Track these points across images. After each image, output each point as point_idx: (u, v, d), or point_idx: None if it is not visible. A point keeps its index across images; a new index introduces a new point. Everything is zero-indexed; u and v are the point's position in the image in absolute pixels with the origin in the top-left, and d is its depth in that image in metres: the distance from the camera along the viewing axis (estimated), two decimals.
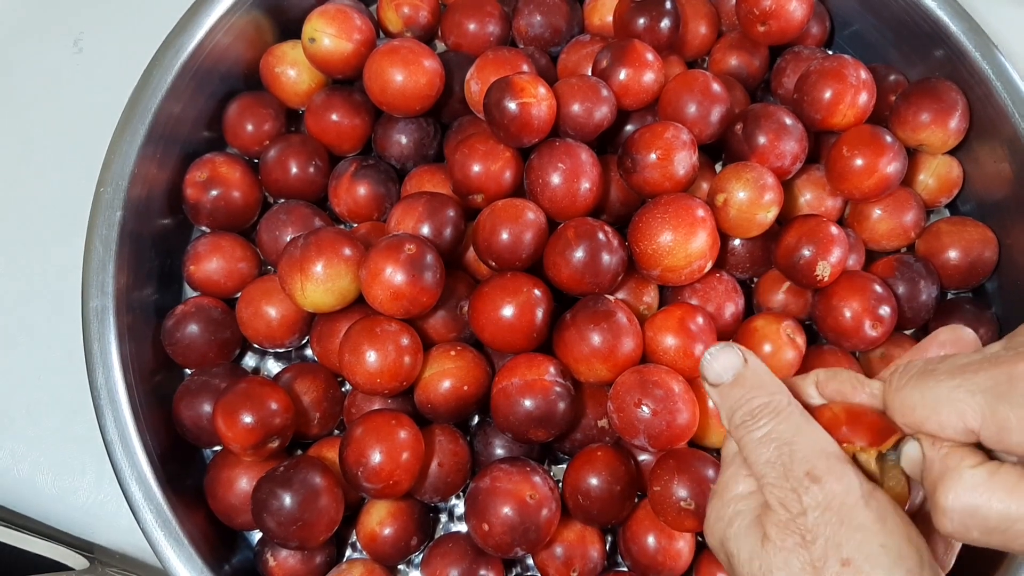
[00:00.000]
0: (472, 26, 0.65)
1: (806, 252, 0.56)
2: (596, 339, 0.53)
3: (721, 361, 0.42)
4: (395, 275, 0.52)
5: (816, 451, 0.37)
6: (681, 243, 0.55)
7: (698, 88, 0.59)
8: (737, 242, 0.61)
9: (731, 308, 0.59)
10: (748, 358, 0.41)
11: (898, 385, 0.37)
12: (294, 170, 0.63)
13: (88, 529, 0.62)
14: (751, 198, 0.56)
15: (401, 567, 0.60)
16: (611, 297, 0.55)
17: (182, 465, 0.59)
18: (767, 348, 0.57)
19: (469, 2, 0.66)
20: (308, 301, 0.55)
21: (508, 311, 0.54)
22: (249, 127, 0.65)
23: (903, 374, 0.37)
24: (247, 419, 0.51)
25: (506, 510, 0.51)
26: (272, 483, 0.51)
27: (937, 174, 0.64)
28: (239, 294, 0.62)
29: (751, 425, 0.39)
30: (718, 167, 0.65)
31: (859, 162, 0.58)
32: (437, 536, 0.60)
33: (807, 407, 0.40)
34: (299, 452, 0.61)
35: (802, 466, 0.36)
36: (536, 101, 0.56)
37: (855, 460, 0.38)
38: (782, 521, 0.36)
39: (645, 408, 0.52)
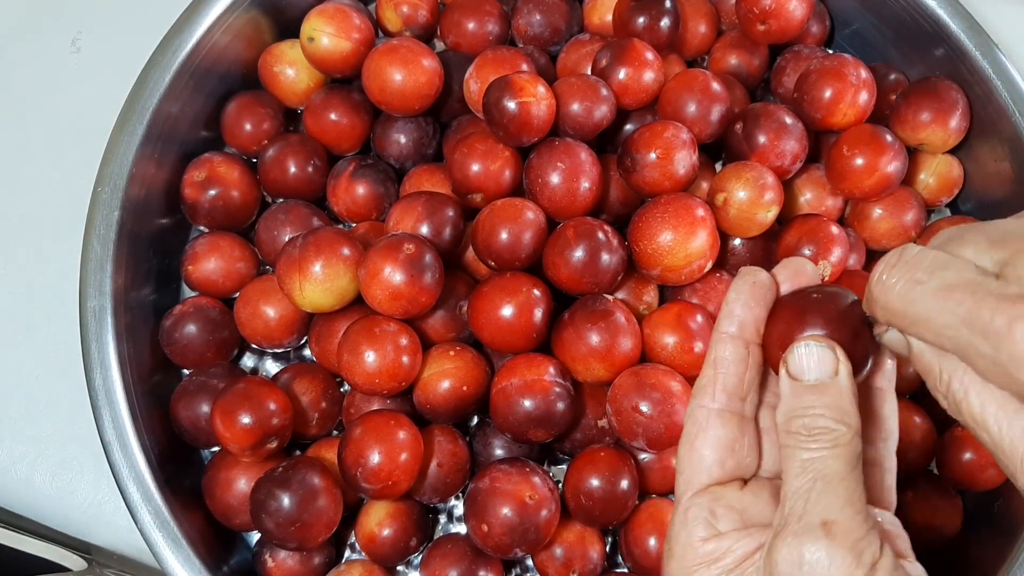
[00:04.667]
0: (471, 25, 0.65)
1: (806, 252, 0.56)
2: (594, 339, 0.53)
3: (815, 358, 0.37)
4: (394, 275, 0.52)
5: (842, 503, 0.34)
6: (681, 243, 0.55)
7: (698, 87, 0.59)
8: (737, 242, 0.61)
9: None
10: (841, 370, 0.36)
11: (884, 283, 0.34)
12: (293, 169, 0.63)
13: (86, 530, 0.62)
14: (751, 197, 0.56)
15: (400, 568, 0.60)
16: (609, 297, 0.55)
17: (180, 466, 0.58)
18: None
19: (468, 1, 0.66)
20: (307, 301, 0.54)
21: (507, 311, 0.54)
22: (247, 126, 0.65)
23: (891, 270, 0.34)
24: (245, 419, 0.51)
25: (506, 511, 0.51)
26: (270, 484, 0.51)
27: (937, 173, 0.64)
28: (237, 294, 0.62)
29: (804, 441, 0.35)
30: (718, 166, 0.64)
31: (859, 161, 0.58)
32: (436, 537, 0.60)
33: None
34: (298, 452, 0.61)
35: (823, 513, 0.34)
36: (535, 100, 0.56)
37: None
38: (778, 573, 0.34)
39: (643, 411, 0.52)
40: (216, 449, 0.60)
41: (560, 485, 0.56)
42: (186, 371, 0.62)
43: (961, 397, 0.33)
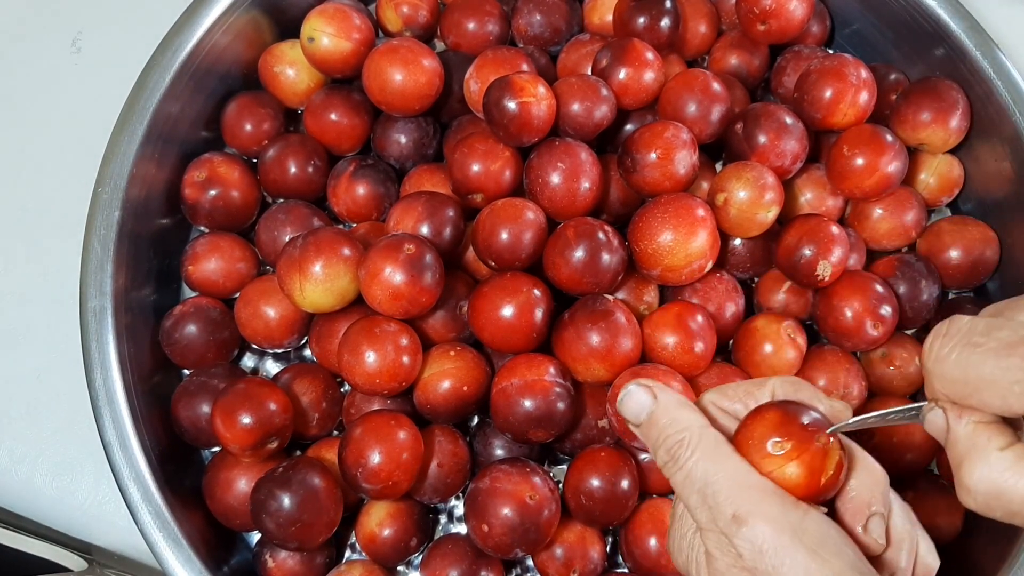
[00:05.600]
0: (471, 25, 0.65)
1: (807, 252, 0.56)
2: (594, 339, 0.53)
3: (634, 400, 0.41)
4: (394, 275, 0.52)
5: (737, 487, 0.36)
6: (681, 243, 0.55)
7: (698, 87, 0.59)
8: (737, 242, 0.61)
9: (731, 308, 0.59)
10: (659, 394, 0.41)
11: (939, 355, 0.34)
12: (293, 170, 0.63)
13: (86, 530, 0.62)
14: (751, 197, 0.56)
15: (401, 568, 0.60)
16: (610, 297, 0.55)
17: (180, 466, 0.58)
18: (768, 348, 0.57)
19: (468, 1, 0.66)
20: (307, 301, 0.54)
21: (508, 311, 0.54)
22: (248, 127, 0.65)
23: (945, 340, 0.34)
24: (246, 420, 0.51)
25: (506, 511, 0.51)
26: (271, 484, 0.51)
27: (938, 173, 0.64)
28: (238, 294, 0.62)
29: (672, 466, 0.39)
30: (718, 166, 0.64)
31: (860, 161, 0.58)
32: (437, 537, 0.60)
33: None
34: (298, 453, 0.61)
35: (727, 508, 0.36)
36: (536, 100, 0.55)
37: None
38: (722, 568, 0.36)
39: None
40: (216, 449, 0.60)
41: (560, 485, 0.56)
42: (186, 371, 0.62)
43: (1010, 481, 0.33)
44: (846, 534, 0.36)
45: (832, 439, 0.37)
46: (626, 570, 0.58)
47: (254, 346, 0.62)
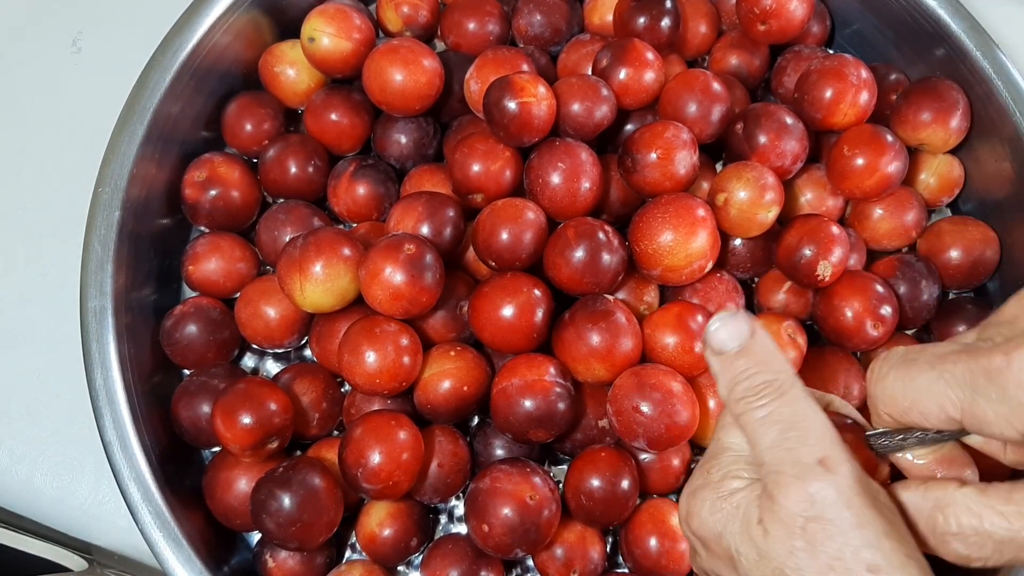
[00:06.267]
0: (472, 25, 0.65)
1: (807, 252, 0.56)
2: (594, 339, 0.53)
3: (729, 329, 0.39)
4: (394, 275, 0.52)
5: (830, 437, 0.35)
6: (681, 243, 0.55)
7: (698, 87, 0.59)
8: (738, 242, 0.61)
9: (732, 308, 0.59)
10: (757, 330, 0.39)
11: (880, 374, 0.36)
12: (293, 170, 0.63)
13: (86, 530, 0.62)
14: (752, 198, 0.56)
15: (401, 568, 0.60)
16: (610, 297, 0.55)
17: (181, 466, 0.58)
18: None
19: (469, 1, 0.66)
20: (307, 301, 0.54)
21: (508, 311, 0.54)
22: (248, 127, 0.65)
23: (884, 362, 0.36)
24: (246, 420, 0.51)
25: (506, 511, 0.51)
26: (271, 484, 0.51)
27: (938, 173, 0.64)
28: (238, 294, 0.62)
29: (753, 401, 0.37)
30: (718, 167, 0.64)
31: (860, 161, 0.58)
32: (437, 537, 0.60)
33: None
34: (298, 453, 0.61)
35: (816, 450, 0.35)
36: (536, 100, 0.55)
37: None
38: (783, 516, 0.34)
39: (643, 411, 0.52)
40: (217, 449, 0.60)
41: (561, 485, 0.56)
42: (187, 371, 0.62)
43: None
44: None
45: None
46: (626, 570, 0.58)
47: (254, 346, 0.62)
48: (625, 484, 0.53)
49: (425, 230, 0.56)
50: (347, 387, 0.61)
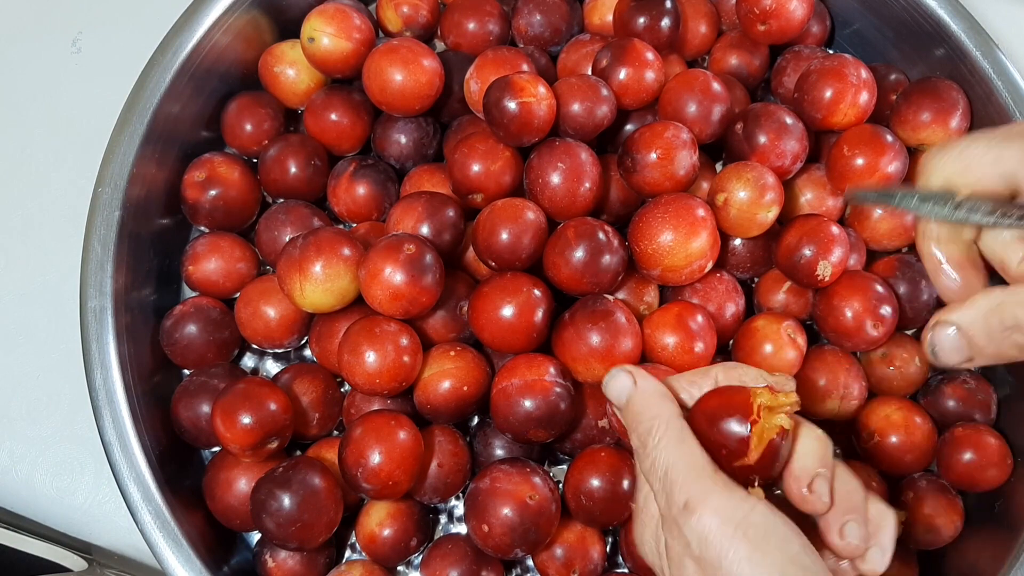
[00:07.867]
0: (471, 25, 0.65)
1: (807, 252, 0.56)
2: (594, 339, 0.53)
3: (616, 383, 0.44)
4: (394, 275, 0.52)
5: (693, 477, 0.38)
6: (681, 243, 0.55)
7: (698, 87, 0.59)
8: (738, 242, 0.61)
9: (732, 308, 0.59)
10: (639, 380, 0.43)
11: (937, 156, 0.39)
12: (293, 170, 0.63)
13: (86, 530, 0.62)
14: (752, 198, 0.56)
15: (401, 568, 0.60)
16: (610, 297, 0.55)
17: (180, 466, 0.59)
18: (768, 348, 0.57)
19: (468, 1, 0.66)
20: (307, 301, 0.54)
21: (508, 311, 0.54)
22: (248, 127, 0.65)
23: (940, 150, 0.39)
24: (246, 420, 0.51)
25: (506, 511, 0.51)
26: (271, 484, 0.51)
27: None
28: (238, 294, 0.62)
29: (642, 453, 0.41)
30: (718, 167, 0.64)
31: (860, 161, 0.58)
32: (437, 537, 0.60)
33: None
34: (298, 453, 0.61)
35: (680, 496, 0.37)
36: (536, 100, 0.55)
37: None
38: (675, 556, 0.37)
39: None
40: (216, 449, 0.60)
41: (560, 485, 0.56)
42: (186, 371, 0.62)
43: None
44: (795, 528, 0.37)
45: (762, 418, 0.39)
46: (626, 570, 0.58)
47: (254, 346, 0.62)
48: (625, 484, 0.53)
49: (425, 230, 0.56)
50: (347, 387, 0.61)
